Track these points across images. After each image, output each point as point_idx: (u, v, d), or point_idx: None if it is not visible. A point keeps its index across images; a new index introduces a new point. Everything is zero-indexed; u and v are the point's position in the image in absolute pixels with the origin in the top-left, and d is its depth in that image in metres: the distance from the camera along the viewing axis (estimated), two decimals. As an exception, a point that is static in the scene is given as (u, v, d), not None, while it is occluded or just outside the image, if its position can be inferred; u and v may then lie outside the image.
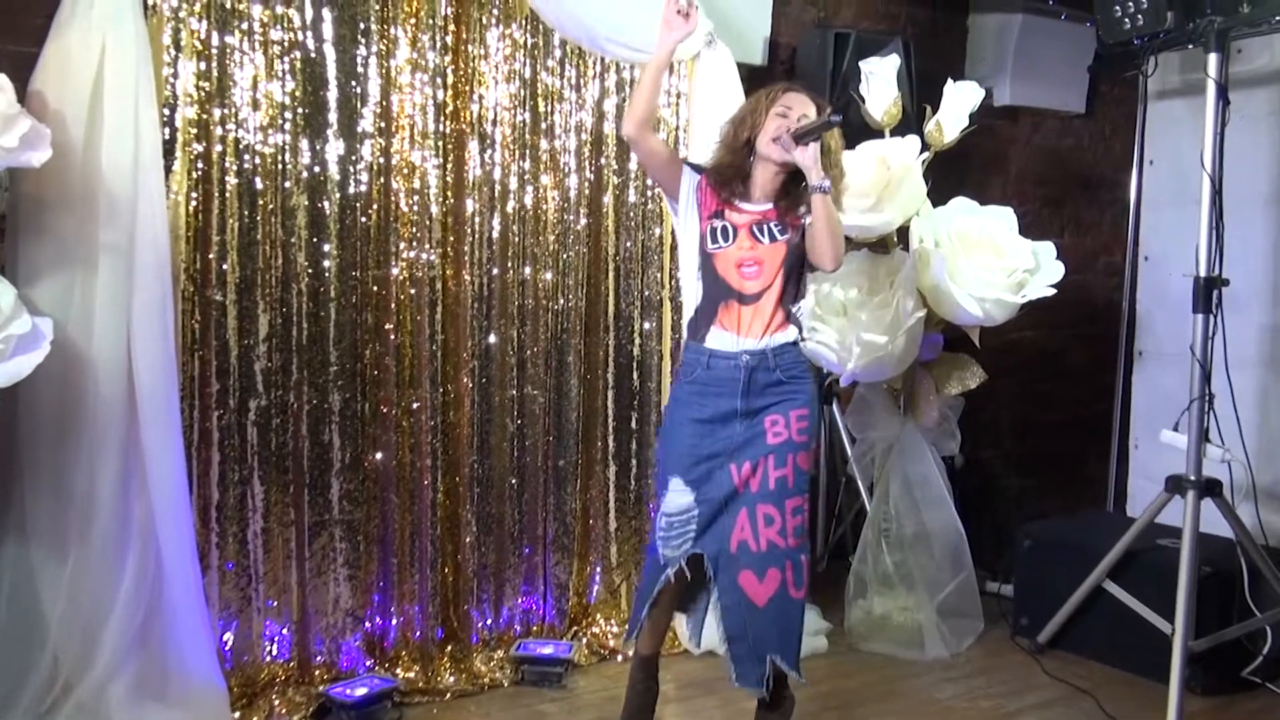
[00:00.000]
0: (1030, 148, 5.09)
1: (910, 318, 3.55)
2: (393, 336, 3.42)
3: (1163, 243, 4.61)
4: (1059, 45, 4.79)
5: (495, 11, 3.51)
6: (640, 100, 2.87)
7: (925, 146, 3.72)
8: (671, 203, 2.99)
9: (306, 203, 3.26)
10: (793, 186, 2.89)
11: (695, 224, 2.91)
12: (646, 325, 3.84)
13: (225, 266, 3.15)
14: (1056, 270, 3.66)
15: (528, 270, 3.65)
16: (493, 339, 3.61)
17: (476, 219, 3.54)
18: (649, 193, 3.80)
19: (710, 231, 2.87)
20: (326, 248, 3.29)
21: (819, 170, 2.78)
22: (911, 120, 3.88)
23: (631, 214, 3.80)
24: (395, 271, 3.41)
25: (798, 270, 2.89)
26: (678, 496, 2.84)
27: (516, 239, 3.62)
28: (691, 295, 2.93)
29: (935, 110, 3.77)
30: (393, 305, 3.41)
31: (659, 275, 3.84)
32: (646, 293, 3.83)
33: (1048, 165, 5.13)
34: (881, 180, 3.59)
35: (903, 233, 3.74)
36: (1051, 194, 5.16)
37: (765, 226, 2.86)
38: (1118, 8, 3.45)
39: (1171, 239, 4.47)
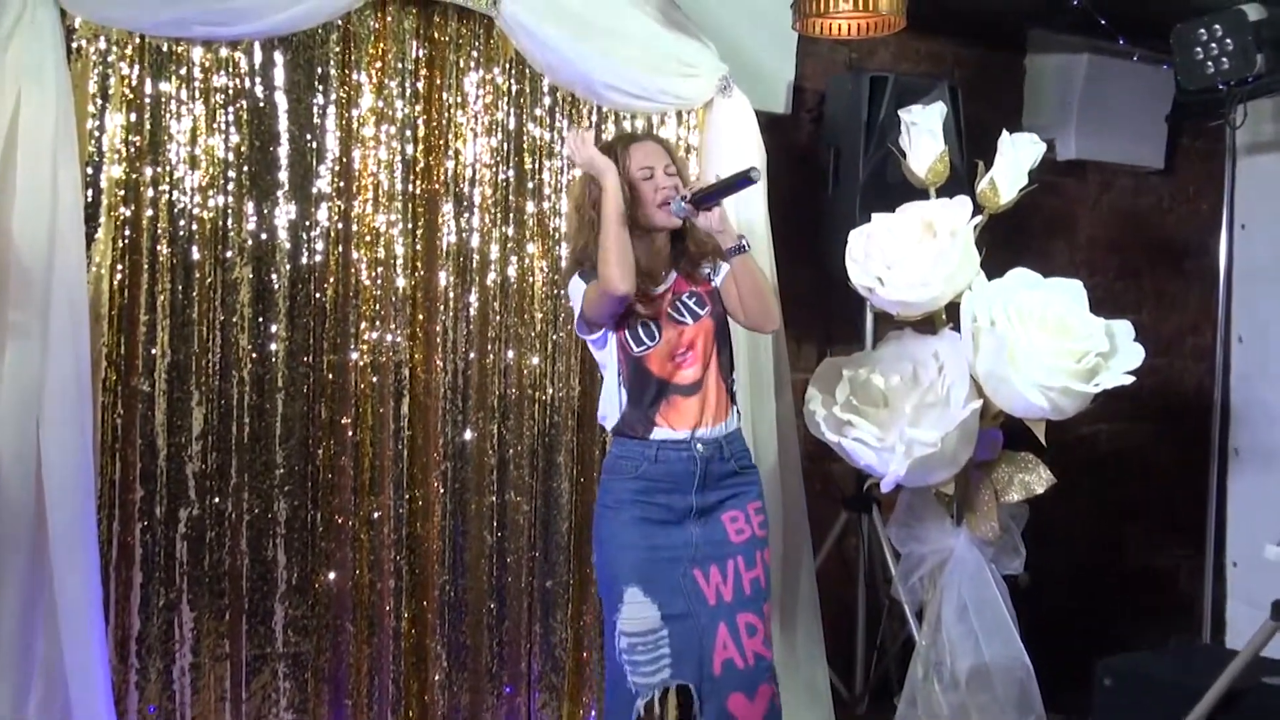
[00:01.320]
0: (1100, 209, 5.16)
1: (963, 410, 3.56)
2: (350, 433, 3.43)
3: (1259, 321, 4.64)
4: (1131, 91, 4.86)
5: (474, 54, 3.59)
6: (616, 245, 2.80)
7: (978, 209, 3.77)
8: (594, 339, 3.02)
9: (251, 276, 3.30)
10: (679, 244, 3.03)
11: (612, 335, 2.96)
12: (651, 419, 3.86)
13: (154, 351, 3.18)
14: (1135, 354, 3.67)
15: (510, 354, 3.67)
16: (469, 435, 3.62)
17: (451, 294, 3.58)
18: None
19: (631, 334, 2.94)
20: (274, 328, 3.33)
21: (732, 231, 2.94)
22: (961, 178, 3.94)
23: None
24: (355, 356, 3.43)
25: (725, 336, 3.06)
26: (639, 610, 2.91)
27: (498, 317, 3.65)
28: (615, 405, 2.97)
29: (989, 166, 3.82)
30: (351, 396, 3.43)
31: (665, 360, 3.87)
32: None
33: (1122, 230, 5.19)
34: (927, 249, 3.63)
35: (953, 310, 3.76)
36: (1127, 264, 5.21)
37: (680, 303, 3.00)
38: (1199, 49, 3.52)
39: (1270, 317, 4.50)
